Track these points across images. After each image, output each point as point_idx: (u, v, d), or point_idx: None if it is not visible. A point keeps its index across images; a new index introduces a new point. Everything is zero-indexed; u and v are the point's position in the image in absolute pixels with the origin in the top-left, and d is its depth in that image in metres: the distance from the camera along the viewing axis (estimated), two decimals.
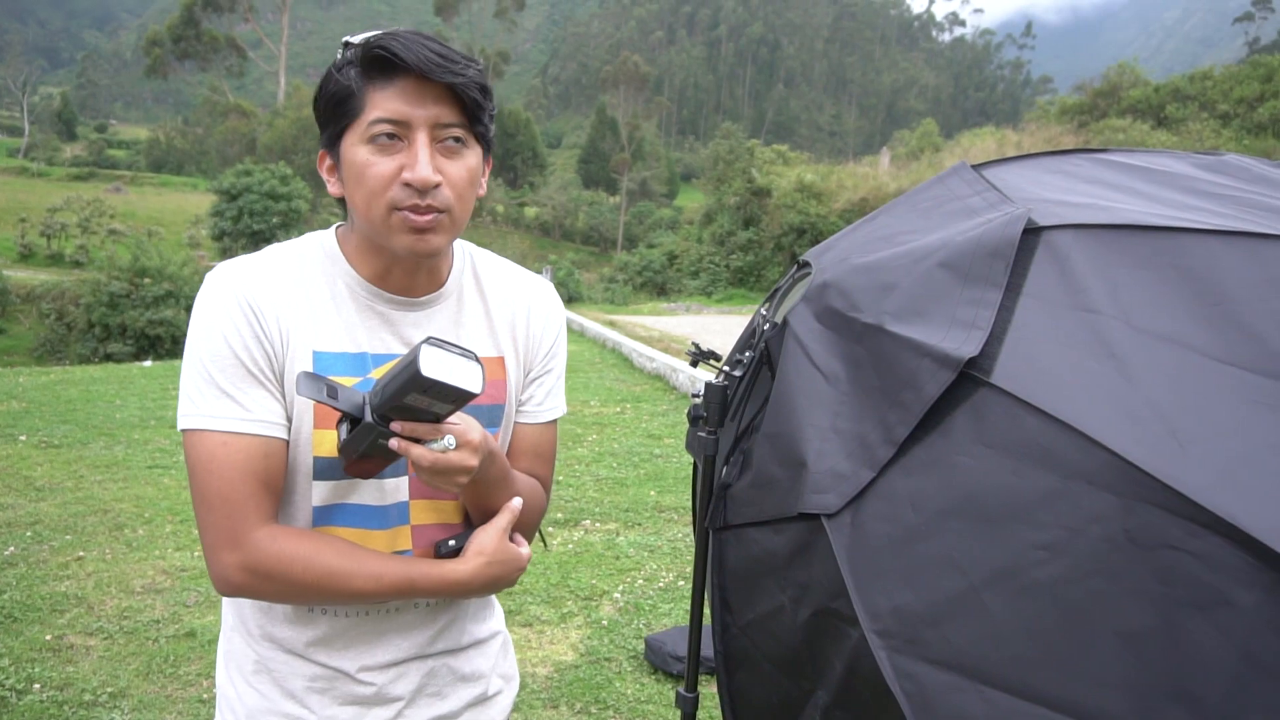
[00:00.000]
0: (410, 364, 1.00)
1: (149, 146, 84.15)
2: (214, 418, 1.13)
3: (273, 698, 1.27)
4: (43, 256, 38.22)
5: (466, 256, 1.33)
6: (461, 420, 1.11)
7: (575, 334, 15.96)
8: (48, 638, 3.72)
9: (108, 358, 20.51)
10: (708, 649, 2.13)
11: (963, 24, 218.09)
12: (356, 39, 1.13)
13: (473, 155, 1.17)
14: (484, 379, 1.05)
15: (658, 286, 33.44)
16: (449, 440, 1.08)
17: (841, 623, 1.01)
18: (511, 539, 1.26)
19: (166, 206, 51.02)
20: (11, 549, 4.73)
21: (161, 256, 24.56)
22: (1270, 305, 0.93)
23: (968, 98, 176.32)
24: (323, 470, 1.19)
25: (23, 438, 7.15)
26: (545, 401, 1.38)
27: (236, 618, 1.31)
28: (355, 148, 1.13)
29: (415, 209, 1.12)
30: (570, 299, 27.68)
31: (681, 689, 1.45)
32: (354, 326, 1.21)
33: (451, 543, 1.23)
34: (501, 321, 1.32)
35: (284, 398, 1.17)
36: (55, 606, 4.04)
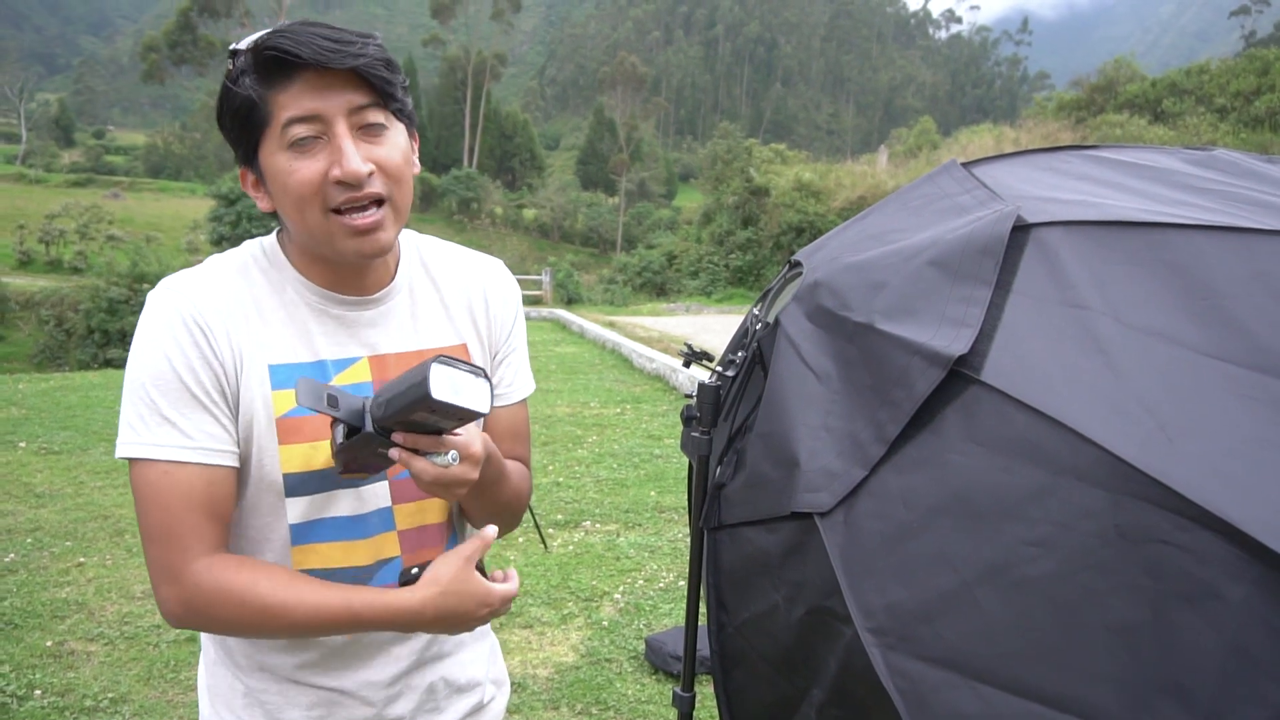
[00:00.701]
0: (420, 384, 0.97)
1: (147, 152, 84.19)
2: (155, 446, 1.07)
3: None
4: (41, 263, 38.19)
5: (412, 247, 1.28)
6: (464, 432, 1.07)
7: (575, 335, 15.95)
8: (48, 644, 3.73)
9: (107, 364, 20.48)
10: (705, 649, 2.14)
11: (959, 21, 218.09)
12: (243, 45, 1.07)
13: (397, 134, 1.12)
14: (492, 397, 1.02)
15: (657, 287, 33.40)
16: (453, 455, 1.04)
17: (835, 621, 1.01)
18: (488, 575, 1.17)
19: (165, 212, 51.01)
20: (12, 555, 4.73)
21: (160, 262, 24.52)
22: (1258, 300, 0.94)
23: (965, 95, 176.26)
24: (295, 487, 1.15)
25: (23, 444, 7.15)
26: (515, 381, 1.35)
27: (220, 650, 1.25)
28: (274, 156, 1.07)
29: (353, 205, 1.07)
30: (570, 300, 27.66)
31: (678, 689, 1.45)
32: (310, 334, 1.17)
33: (415, 570, 1.15)
34: (458, 308, 1.28)
35: (235, 419, 1.12)
36: (56, 612, 4.04)
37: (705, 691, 1.77)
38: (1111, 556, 0.84)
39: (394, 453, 1.04)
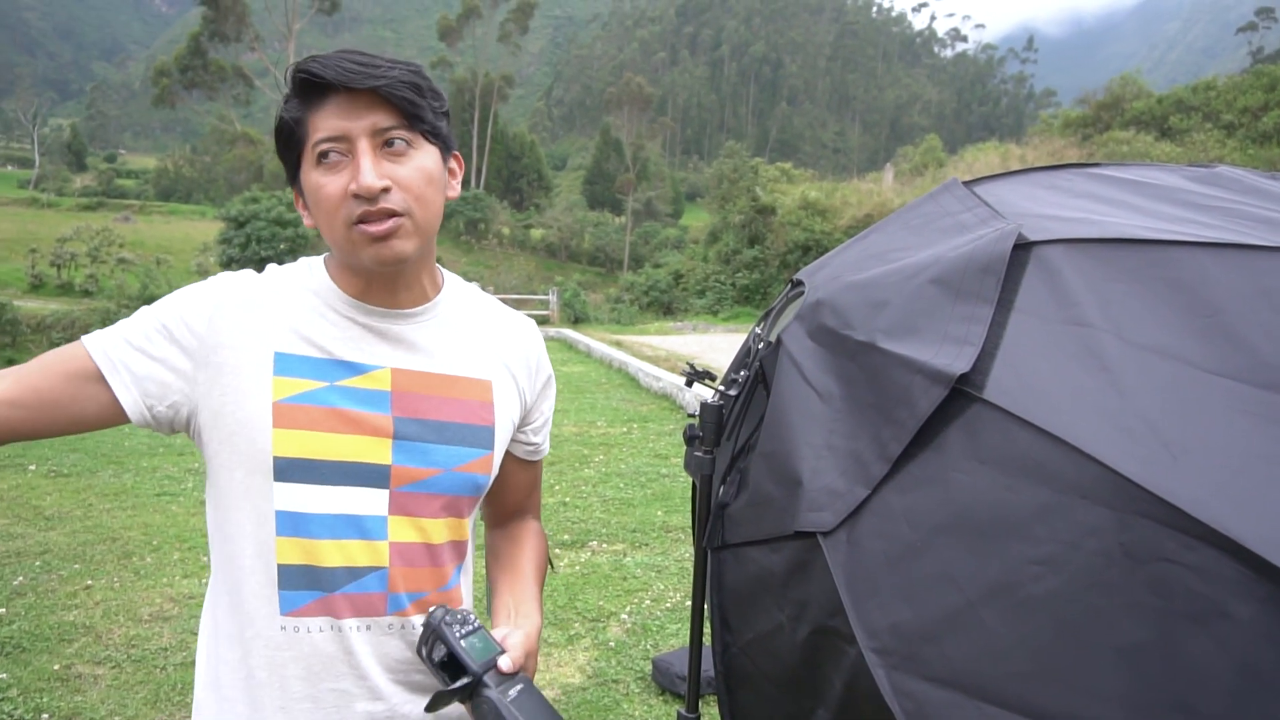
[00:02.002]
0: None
1: (157, 175, 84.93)
2: (96, 339, 1.17)
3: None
4: (53, 286, 38.43)
5: (459, 285, 1.34)
6: (515, 648, 1.12)
7: (582, 354, 15.97)
8: (56, 667, 3.73)
9: None
10: (710, 669, 2.12)
11: (964, 39, 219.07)
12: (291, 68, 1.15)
13: (424, 155, 1.16)
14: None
15: (664, 306, 33.47)
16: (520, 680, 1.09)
17: (839, 640, 1.01)
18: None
19: (175, 235, 51.36)
20: (20, 579, 4.74)
21: (170, 284, 24.68)
22: (1262, 316, 0.93)
23: (971, 113, 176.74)
24: (285, 470, 1.16)
25: (32, 467, 7.17)
26: (544, 443, 1.45)
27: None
28: (309, 174, 1.14)
29: (369, 218, 1.12)
30: (576, 319, 27.72)
31: (682, 709, 1.44)
32: (328, 336, 1.21)
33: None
34: (492, 351, 1.32)
35: (193, 385, 1.17)
36: (63, 636, 4.05)
37: (711, 713, 1.76)
38: (1117, 575, 0.83)
39: None
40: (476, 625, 1.10)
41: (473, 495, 1.29)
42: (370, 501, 1.20)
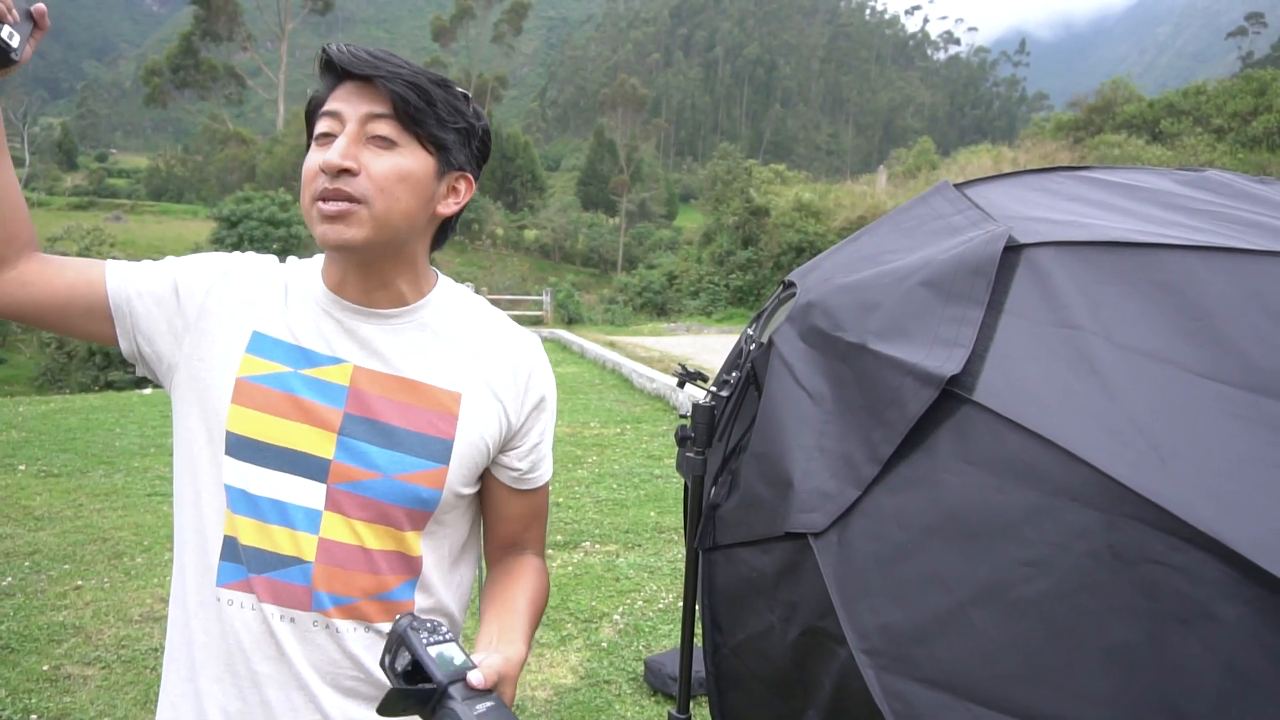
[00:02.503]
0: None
1: (149, 175, 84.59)
2: (117, 277, 1.24)
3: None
4: None
5: (457, 296, 1.32)
6: (490, 667, 1.00)
7: (575, 355, 15.97)
8: (45, 668, 3.71)
9: (108, 385, 20.48)
10: (701, 670, 2.12)
11: (957, 42, 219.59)
12: None
13: (409, 157, 1.16)
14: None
15: (658, 307, 33.47)
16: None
17: (830, 642, 1.01)
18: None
19: (166, 234, 51.19)
20: (9, 579, 4.72)
21: None
22: (1251, 319, 0.94)
23: (964, 115, 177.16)
24: (234, 447, 1.19)
25: (22, 467, 7.14)
26: (543, 466, 1.36)
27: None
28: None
29: (326, 195, 1.13)
30: (570, 320, 27.70)
31: (674, 710, 1.44)
32: (302, 325, 1.23)
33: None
34: (472, 363, 1.27)
35: (179, 344, 1.24)
36: (53, 636, 4.03)
37: (702, 713, 1.76)
38: (1106, 577, 0.84)
39: None
40: (448, 636, 0.99)
41: (413, 508, 1.23)
42: (307, 493, 1.20)
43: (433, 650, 0.96)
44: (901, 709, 0.92)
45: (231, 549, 1.20)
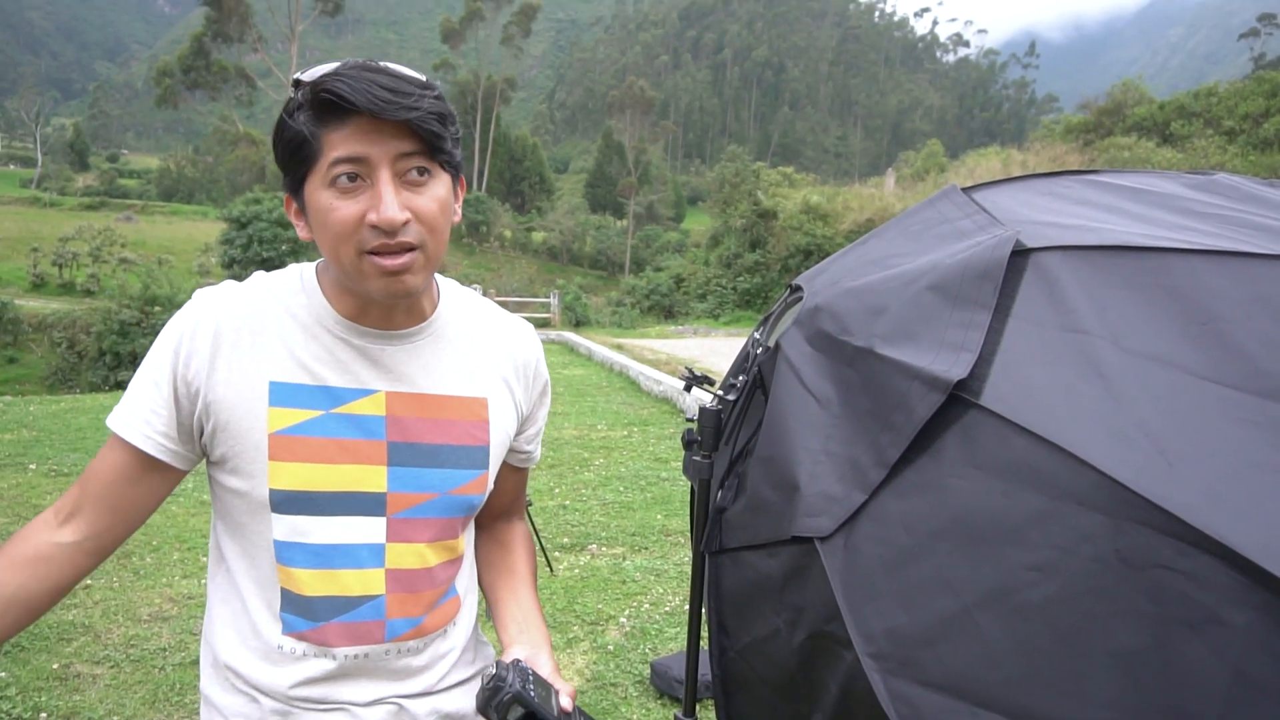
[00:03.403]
0: None
1: (160, 175, 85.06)
2: (129, 427, 1.15)
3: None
4: (54, 286, 38.46)
5: (453, 297, 1.31)
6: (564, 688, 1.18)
7: (583, 357, 15.97)
8: (54, 666, 3.72)
9: (118, 385, 20.56)
10: (708, 673, 2.13)
11: (966, 45, 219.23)
12: (306, 77, 1.09)
13: (440, 185, 1.12)
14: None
15: (665, 309, 33.48)
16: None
17: (836, 645, 1.01)
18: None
19: (177, 235, 51.40)
20: None
21: (172, 285, 24.66)
22: (1258, 324, 0.93)
23: (973, 118, 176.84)
24: (281, 503, 1.16)
25: (33, 466, 7.17)
26: (536, 450, 1.43)
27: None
28: (318, 192, 1.09)
29: (385, 250, 1.08)
30: (578, 323, 27.71)
31: (679, 713, 1.44)
32: (318, 360, 1.18)
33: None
34: (488, 363, 1.29)
35: (195, 427, 1.16)
36: (62, 635, 4.04)
37: (708, 717, 1.76)
38: (1112, 582, 0.84)
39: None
40: (530, 673, 1.13)
41: (465, 515, 1.29)
42: (367, 530, 1.19)
43: (538, 699, 1.09)
44: (907, 712, 0.92)
45: (290, 601, 1.19)
